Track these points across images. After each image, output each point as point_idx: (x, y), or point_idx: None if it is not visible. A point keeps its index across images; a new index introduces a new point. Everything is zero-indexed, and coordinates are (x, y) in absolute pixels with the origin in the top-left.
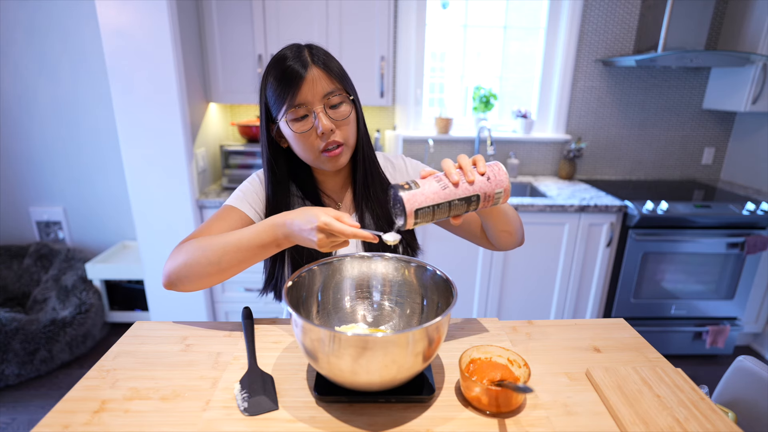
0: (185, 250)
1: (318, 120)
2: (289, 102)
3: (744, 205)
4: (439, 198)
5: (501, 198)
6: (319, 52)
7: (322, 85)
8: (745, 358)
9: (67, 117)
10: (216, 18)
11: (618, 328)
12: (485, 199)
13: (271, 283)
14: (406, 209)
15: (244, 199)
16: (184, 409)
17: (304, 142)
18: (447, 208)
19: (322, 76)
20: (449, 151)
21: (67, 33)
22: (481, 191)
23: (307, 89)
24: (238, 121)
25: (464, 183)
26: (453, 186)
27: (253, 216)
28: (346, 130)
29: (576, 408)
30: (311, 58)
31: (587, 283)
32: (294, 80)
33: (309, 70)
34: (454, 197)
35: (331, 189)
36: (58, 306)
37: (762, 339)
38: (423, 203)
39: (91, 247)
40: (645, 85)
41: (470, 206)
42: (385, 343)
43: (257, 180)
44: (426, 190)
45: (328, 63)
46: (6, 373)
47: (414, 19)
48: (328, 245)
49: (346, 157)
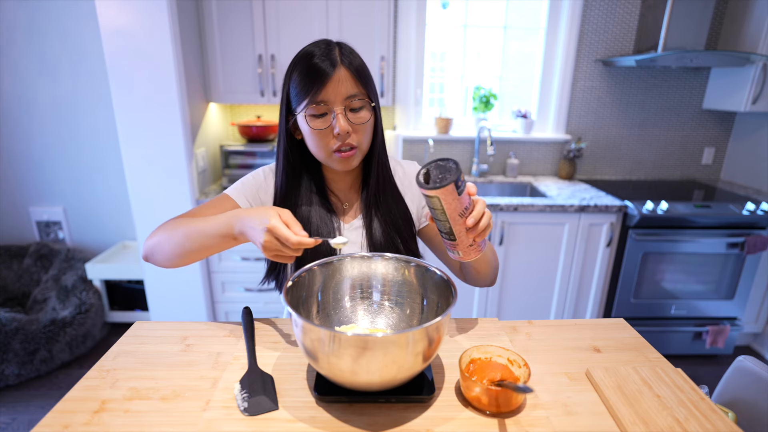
0: (164, 228)
1: (336, 120)
2: (311, 98)
3: (744, 205)
4: (455, 213)
5: (459, 255)
6: (349, 52)
7: (346, 87)
8: (745, 358)
9: (67, 117)
10: (216, 18)
11: (618, 328)
12: (458, 246)
13: (273, 273)
14: (439, 189)
15: (241, 191)
16: (184, 409)
17: (319, 139)
18: (444, 218)
19: (348, 77)
20: (449, 150)
21: (67, 33)
22: (462, 244)
23: (332, 88)
24: (238, 121)
25: (466, 228)
26: (463, 221)
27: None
28: (362, 134)
29: (576, 408)
30: (340, 58)
31: (587, 283)
32: (320, 77)
33: (336, 69)
34: (455, 222)
35: (339, 188)
36: (58, 306)
37: (762, 339)
38: (452, 202)
39: (91, 247)
40: (645, 85)
41: (450, 237)
42: (385, 343)
43: (261, 175)
44: (461, 200)
45: (356, 65)
46: (6, 373)
47: (414, 19)
48: (273, 251)
49: (358, 161)
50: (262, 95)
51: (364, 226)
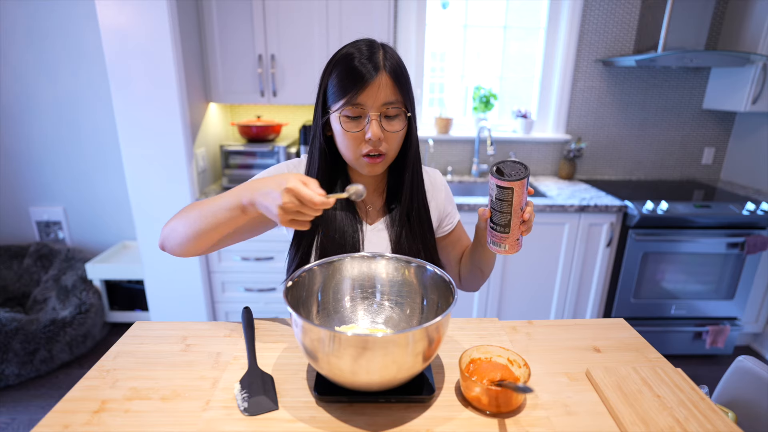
0: (181, 212)
1: (370, 126)
2: (349, 99)
3: (744, 205)
4: (518, 206)
5: (503, 248)
6: (393, 58)
7: (385, 93)
8: (745, 358)
9: (68, 117)
10: (216, 18)
11: (618, 328)
12: (507, 240)
13: (297, 254)
14: (517, 182)
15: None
16: (184, 409)
17: (350, 141)
18: (508, 209)
19: (389, 84)
20: (449, 150)
21: (68, 33)
22: (512, 236)
23: (371, 93)
24: (238, 121)
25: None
26: (521, 214)
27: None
28: (393, 142)
29: (576, 408)
30: (384, 62)
31: (587, 283)
32: (360, 80)
33: (378, 74)
34: (516, 214)
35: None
36: (58, 306)
37: (762, 339)
38: (521, 195)
39: (91, 247)
40: (645, 85)
41: (504, 230)
42: (385, 343)
43: (284, 169)
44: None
45: (398, 72)
46: (6, 373)
47: (414, 19)
48: (291, 214)
49: (383, 167)
50: (262, 95)
51: (390, 231)
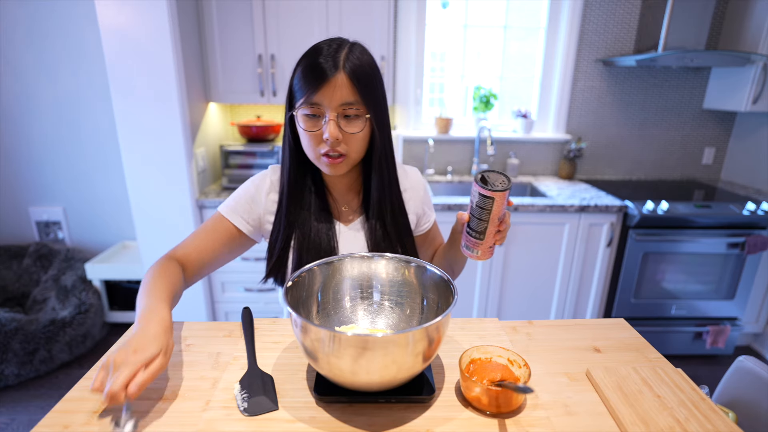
0: (148, 271)
1: (327, 126)
2: (307, 97)
3: (744, 205)
4: (496, 216)
5: (476, 254)
6: (356, 56)
7: (342, 93)
8: (746, 359)
9: (67, 117)
10: (216, 18)
11: (618, 328)
12: (481, 246)
13: (276, 270)
14: (500, 192)
15: (234, 209)
16: (184, 409)
17: (309, 140)
18: (487, 218)
19: (346, 84)
20: (449, 150)
21: (67, 33)
22: (485, 244)
23: (327, 92)
24: (238, 121)
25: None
26: (497, 224)
27: (242, 226)
28: (354, 143)
29: (576, 408)
30: (344, 62)
31: (587, 283)
32: (318, 78)
33: (336, 73)
34: (492, 223)
35: (337, 191)
36: (58, 306)
37: (762, 339)
38: (501, 205)
39: (90, 247)
40: (645, 85)
41: (479, 237)
42: (385, 343)
43: (251, 187)
44: (504, 207)
45: (359, 72)
46: (6, 374)
47: (414, 19)
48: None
49: (345, 168)
50: (262, 95)
51: (366, 231)
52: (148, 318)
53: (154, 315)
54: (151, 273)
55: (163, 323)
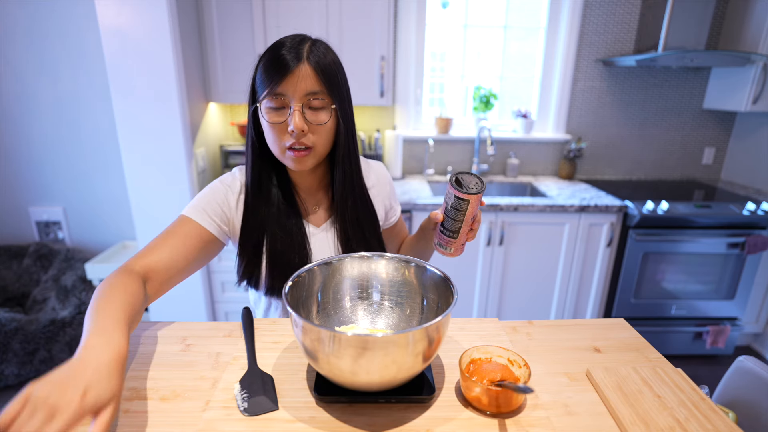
0: (99, 287)
1: (292, 117)
2: (270, 89)
3: (744, 205)
4: (470, 216)
5: (448, 251)
6: (320, 50)
7: (306, 84)
8: (746, 359)
9: (67, 117)
10: (216, 18)
11: (618, 328)
12: (454, 244)
13: (246, 275)
14: (474, 195)
15: (200, 209)
16: (184, 409)
17: (274, 133)
18: (461, 218)
19: (310, 74)
20: (449, 150)
21: (68, 33)
22: (458, 242)
23: (291, 83)
24: (238, 121)
25: (468, 230)
26: (470, 224)
27: (211, 227)
28: (320, 135)
29: (576, 408)
30: (307, 54)
31: (587, 283)
32: (281, 69)
33: (300, 64)
34: (466, 223)
35: (304, 189)
36: (58, 306)
37: (762, 339)
38: (475, 206)
39: (90, 247)
40: (645, 85)
41: (453, 235)
42: (385, 343)
43: (219, 186)
44: (477, 208)
45: (324, 63)
46: (5, 374)
47: (414, 18)
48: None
49: (311, 162)
50: None
51: (335, 230)
52: (100, 345)
53: (109, 342)
54: (104, 289)
55: (119, 355)
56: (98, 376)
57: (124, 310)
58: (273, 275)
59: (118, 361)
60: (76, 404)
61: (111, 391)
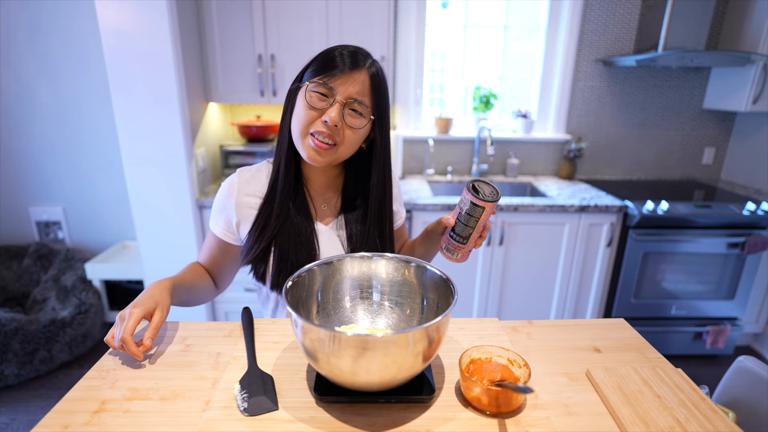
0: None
1: (331, 109)
2: (325, 76)
3: (744, 205)
4: (482, 224)
5: (455, 256)
6: (379, 69)
7: (357, 88)
8: (746, 359)
9: (68, 117)
10: (216, 18)
11: (618, 328)
12: (462, 249)
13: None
14: (490, 203)
15: (214, 221)
16: (184, 409)
17: (305, 114)
18: (473, 224)
19: (365, 82)
20: (449, 150)
21: (68, 33)
22: (466, 248)
23: (344, 81)
24: (238, 121)
25: (477, 237)
26: (480, 231)
27: (223, 236)
28: (348, 139)
29: (576, 408)
30: (370, 65)
31: (587, 283)
32: (341, 65)
33: (359, 69)
34: (477, 230)
35: (314, 187)
36: (58, 306)
37: (762, 339)
38: (488, 214)
39: (90, 247)
40: (645, 85)
41: (463, 241)
42: (385, 343)
43: (221, 196)
44: (489, 216)
45: (378, 80)
46: (6, 374)
47: (414, 18)
48: (112, 334)
49: (327, 159)
50: (262, 95)
51: (345, 231)
52: (152, 285)
53: (158, 282)
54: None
55: (161, 285)
56: (145, 296)
57: (183, 274)
58: (280, 270)
59: (159, 289)
60: (132, 313)
61: (154, 301)
